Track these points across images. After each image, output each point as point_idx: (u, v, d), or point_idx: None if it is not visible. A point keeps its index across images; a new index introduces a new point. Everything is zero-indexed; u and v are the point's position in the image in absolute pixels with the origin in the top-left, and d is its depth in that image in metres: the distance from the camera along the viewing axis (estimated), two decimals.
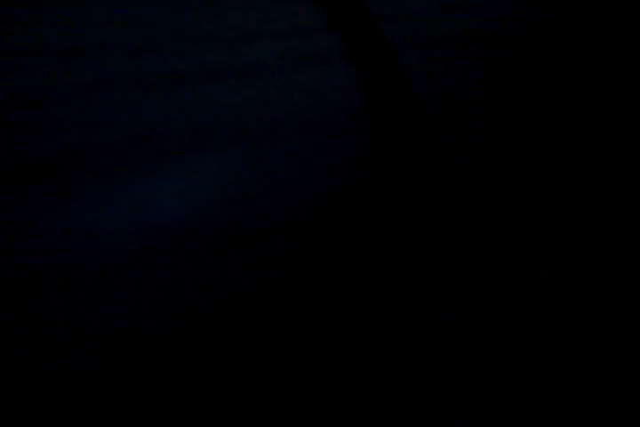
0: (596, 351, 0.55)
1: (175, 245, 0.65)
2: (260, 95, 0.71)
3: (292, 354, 0.59)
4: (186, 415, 0.57)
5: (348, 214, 0.71)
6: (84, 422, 0.58)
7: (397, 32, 0.74)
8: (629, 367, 0.54)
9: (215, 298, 0.66)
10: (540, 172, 0.73)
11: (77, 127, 0.64)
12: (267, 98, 0.71)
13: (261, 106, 0.70)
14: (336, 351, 0.58)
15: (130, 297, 0.63)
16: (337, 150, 0.72)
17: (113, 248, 0.62)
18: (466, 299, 0.59)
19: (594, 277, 0.61)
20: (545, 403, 0.52)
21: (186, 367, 0.61)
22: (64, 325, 0.60)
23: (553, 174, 0.73)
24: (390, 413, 0.52)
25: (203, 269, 0.65)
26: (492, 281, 0.62)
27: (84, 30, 0.68)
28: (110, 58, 0.67)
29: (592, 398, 0.52)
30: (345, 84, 0.73)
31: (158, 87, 0.67)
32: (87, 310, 0.61)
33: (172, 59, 0.69)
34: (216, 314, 0.64)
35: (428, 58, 0.75)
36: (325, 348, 0.58)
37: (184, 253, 0.65)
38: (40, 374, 0.58)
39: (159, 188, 0.65)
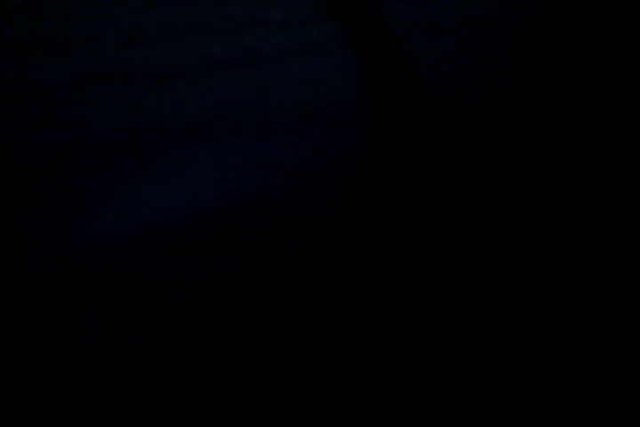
0: (597, 351, 0.55)
1: (174, 242, 0.64)
2: (258, 86, 0.69)
3: (292, 356, 0.58)
4: (188, 417, 0.56)
5: (350, 207, 0.69)
6: (88, 421, 0.57)
7: (399, 18, 0.72)
8: (630, 367, 0.54)
9: (214, 296, 0.64)
10: (545, 166, 0.71)
11: (71, 123, 0.63)
12: (266, 89, 0.69)
13: (260, 97, 0.68)
14: (338, 351, 0.57)
15: (128, 295, 0.62)
16: (338, 142, 0.70)
17: (110, 245, 0.61)
18: (469, 298, 0.58)
19: (595, 275, 0.61)
20: (547, 403, 0.52)
21: (186, 368, 0.60)
22: (65, 321, 0.59)
23: (557, 170, 0.71)
24: (392, 412, 0.51)
25: (203, 266, 0.64)
26: (493, 279, 0.61)
27: (72, 20, 0.66)
28: (102, 50, 0.66)
29: (592, 397, 0.52)
30: (346, 73, 0.71)
31: (153, 79, 0.66)
32: (86, 306, 0.60)
33: (167, 49, 0.67)
34: (215, 312, 0.63)
35: (432, 45, 0.73)
36: (328, 347, 0.57)
37: (183, 250, 0.64)
38: (40, 373, 0.57)
39: (156, 183, 0.64)
